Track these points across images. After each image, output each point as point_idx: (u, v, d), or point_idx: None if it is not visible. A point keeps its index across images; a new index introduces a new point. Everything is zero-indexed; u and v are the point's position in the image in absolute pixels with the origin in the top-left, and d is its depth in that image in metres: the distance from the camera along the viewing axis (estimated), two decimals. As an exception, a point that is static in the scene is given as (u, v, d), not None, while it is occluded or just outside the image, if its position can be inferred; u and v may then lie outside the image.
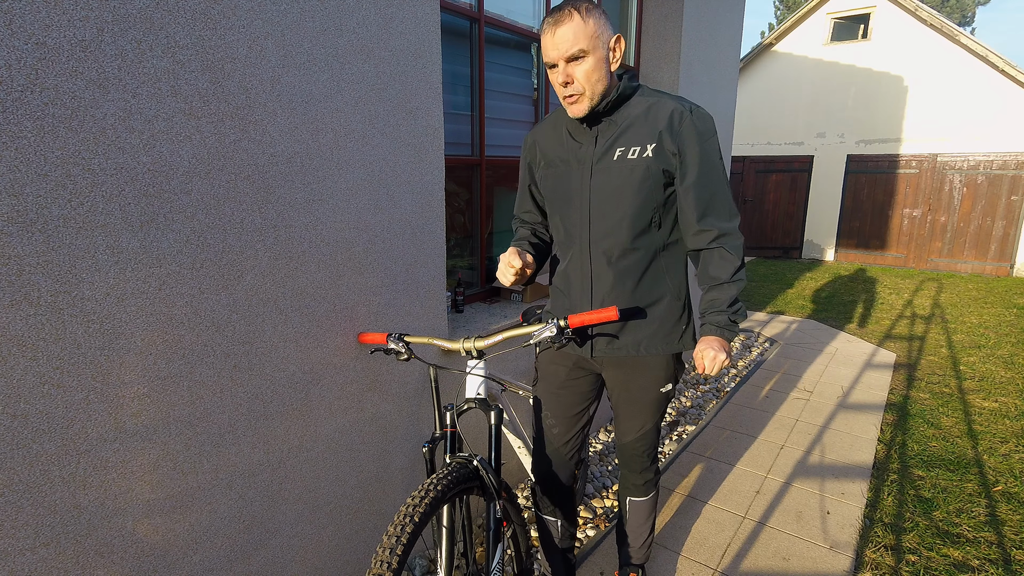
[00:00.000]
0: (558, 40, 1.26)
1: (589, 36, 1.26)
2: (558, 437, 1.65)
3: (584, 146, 1.43)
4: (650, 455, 1.69)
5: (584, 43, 1.26)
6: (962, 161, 8.75)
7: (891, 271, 9.03)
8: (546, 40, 1.29)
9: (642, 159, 1.36)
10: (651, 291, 1.47)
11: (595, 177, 1.41)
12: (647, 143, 1.36)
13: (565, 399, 1.62)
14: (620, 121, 1.39)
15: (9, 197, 1.00)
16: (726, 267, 1.40)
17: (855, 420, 3.34)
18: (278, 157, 1.43)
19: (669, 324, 1.50)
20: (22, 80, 1.00)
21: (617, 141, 1.39)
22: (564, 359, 1.60)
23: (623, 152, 1.38)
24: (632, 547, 1.85)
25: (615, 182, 1.39)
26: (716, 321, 1.40)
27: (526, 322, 2.03)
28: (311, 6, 1.45)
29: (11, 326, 1.03)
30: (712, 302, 1.42)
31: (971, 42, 8.37)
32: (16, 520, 1.08)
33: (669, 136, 1.35)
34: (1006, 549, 2.18)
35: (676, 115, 1.36)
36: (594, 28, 1.27)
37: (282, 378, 1.52)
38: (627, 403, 1.59)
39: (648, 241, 1.43)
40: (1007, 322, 5.69)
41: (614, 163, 1.39)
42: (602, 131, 1.41)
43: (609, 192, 1.40)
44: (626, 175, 1.38)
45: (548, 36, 1.28)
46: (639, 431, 1.62)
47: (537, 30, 2.89)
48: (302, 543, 1.65)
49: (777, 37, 10.19)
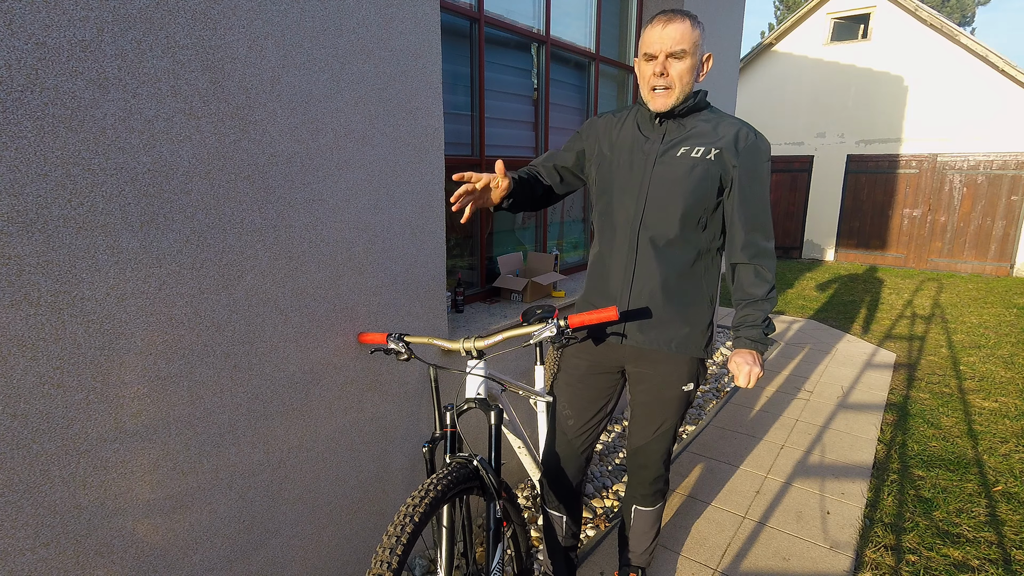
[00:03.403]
0: (668, 33, 1.38)
1: (693, 41, 1.39)
2: (572, 429, 1.67)
3: (651, 141, 1.51)
4: (664, 461, 1.69)
5: (687, 45, 1.38)
6: (962, 161, 8.75)
7: (891, 271, 9.03)
8: (653, 32, 1.40)
9: (704, 159, 1.45)
10: (689, 291, 1.54)
11: (657, 167, 1.49)
12: (711, 147, 1.46)
13: (583, 392, 1.65)
14: (688, 127, 1.49)
15: (9, 197, 1.00)
16: (762, 285, 1.49)
17: (855, 420, 3.34)
18: (278, 157, 1.43)
19: (700, 328, 1.56)
20: (22, 80, 1.00)
21: (684, 141, 1.48)
22: (588, 353, 1.62)
23: (687, 150, 1.47)
24: (634, 552, 1.85)
25: (675, 174, 1.46)
26: (751, 336, 1.48)
27: (526, 322, 2.03)
28: (311, 6, 1.45)
29: (11, 326, 1.03)
30: (746, 317, 1.49)
31: (971, 42, 8.37)
32: (16, 520, 1.08)
33: (734, 150, 1.45)
34: (1006, 549, 2.18)
35: (743, 135, 1.47)
36: (698, 37, 1.41)
37: (282, 378, 1.52)
38: (647, 399, 1.61)
39: (694, 237, 1.51)
40: (1007, 322, 5.69)
41: (677, 158, 1.47)
42: (670, 130, 1.50)
43: (668, 182, 1.47)
44: (687, 169, 1.46)
45: (657, 29, 1.39)
46: (656, 431, 1.63)
47: (537, 30, 2.90)
48: (302, 543, 1.65)
49: (777, 37, 10.19)
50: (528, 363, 2.60)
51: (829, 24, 9.73)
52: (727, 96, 4.34)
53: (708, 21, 3.82)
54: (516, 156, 2.91)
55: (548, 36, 2.97)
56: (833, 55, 9.66)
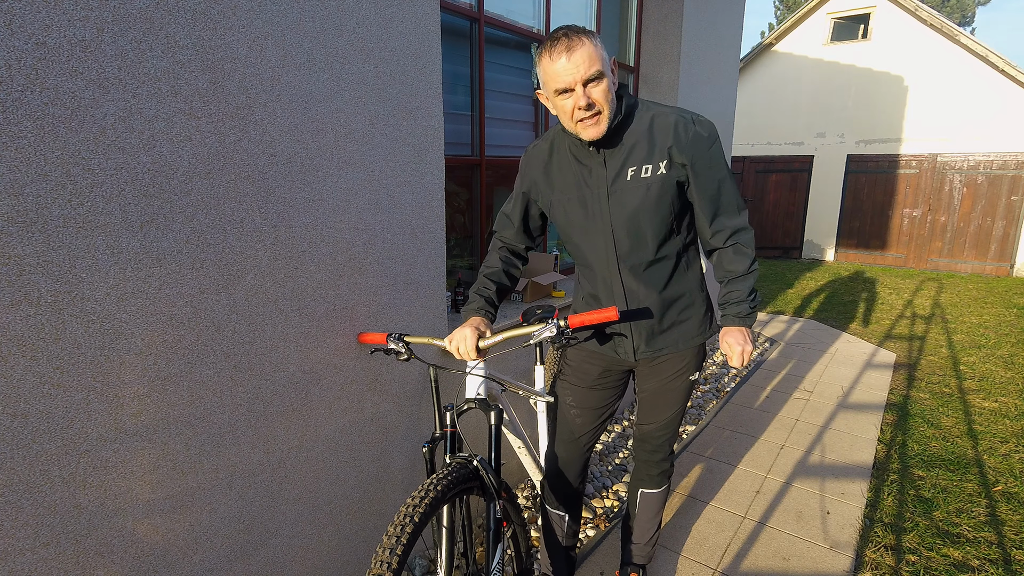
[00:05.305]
0: (576, 63, 1.25)
1: (601, 58, 1.28)
2: (580, 427, 1.68)
3: (593, 170, 1.43)
4: (671, 443, 1.74)
5: (599, 64, 1.28)
6: (962, 161, 8.75)
7: (891, 271, 9.03)
8: (559, 66, 1.26)
9: (657, 176, 1.40)
10: (679, 288, 1.54)
11: (613, 199, 1.43)
12: (659, 160, 1.39)
13: (592, 396, 1.66)
14: (626, 140, 1.41)
15: (9, 197, 1.00)
16: (742, 260, 1.48)
17: (855, 420, 3.34)
18: (278, 157, 1.43)
19: (699, 316, 1.58)
20: (22, 80, 1.00)
21: (627, 161, 1.41)
22: (598, 360, 1.63)
23: (635, 172, 1.40)
24: (637, 544, 1.86)
25: (634, 202, 1.41)
26: (737, 312, 1.48)
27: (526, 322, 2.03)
28: (311, 6, 1.45)
29: (11, 326, 1.03)
30: (731, 294, 1.49)
31: (971, 42, 8.37)
32: (16, 520, 1.08)
33: (678, 149, 1.39)
34: (1006, 549, 2.18)
35: (681, 127, 1.39)
36: (603, 51, 1.30)
37: (282, 378, 1.52)
38: (657, 393, 1.64)
39: (671, 247, 1.49)
40: (1007, 322, 5.69)
41: (628, 184, 1.41)
42: (609, 153, 1.41)
43: (630, 213, 1.42)
44: (643, 194, 1.40)
45: (561, 61, 1.26)
46: (665, 418, 1.67)
47: (537, 30, 2.89)
48: (302, 543, 1.65)
49: (777, 37, 10.19)
50: (528, 363, 2.60)
51: (829, 24, 9.73)
52: (727, 96, 4.34)
53: (708, 21, 3.82)
54: (516, 156, 2.91)
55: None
56: (833, 55, 9.66)
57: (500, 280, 1.59)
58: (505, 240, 1.67)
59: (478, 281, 1.59)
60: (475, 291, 1.56)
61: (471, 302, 1.54)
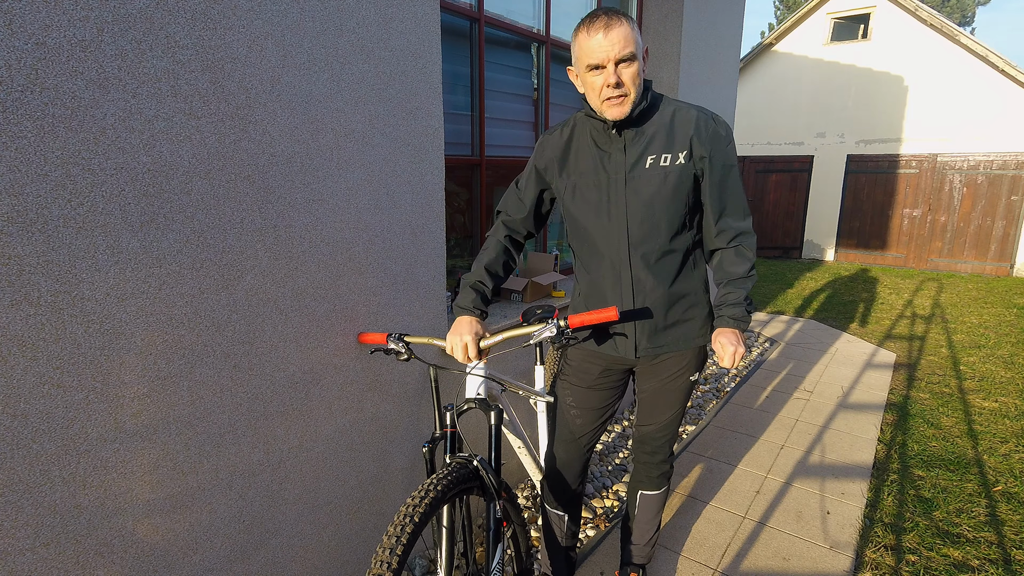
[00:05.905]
0: (612, 41, 1.29)
1: (635, 42, 1.32)
2: (580, 427, 1.68)
3: (613, 155, 1.45)
4: (670, 445, 1.74)
5: (633, 47, 1.31)
6: (962, 161, 8.75)
7: (891, 271, 9.03)
8: (594, 42, 1.30)
9: (675, 166, 1.42)
10: (685, 286, 1.54)
11: (630, 186, 1.44)
12: (679, 150, 1.42)
13: (592, 396, 1.66)
14: (647, 129, 1.43)
15: (9, 197, 1.00)
16: (743, 263, 1.49)
17: (855, 420, 3.34)
18: (278, 157, 1.43)
19: (702, 317, 1.58)
20: (22, 80, 1.00)
21: (647, 149, 1.43)
22: (598, 359, 1.63)
23: (655, 160, 1.42)
24: (636, 545, 1.86)
25: (651, 189, 1.43)
26: (733, 314, 1.48)
27: (526, 322, 2.03)
28: (311, 6, 1.45)
29: (11, 326, 1.03)
30: (728, 296, 1.50)
31: (971, 42, 8.37)
32: (16, 520, 1.08)
33: (699, 142, 1.42)
34: (1006, 549, 2.18)
35: (702, 122, 1.43)
36: (637, 36, 1.34)
37: (282, 378, 1.52)
38: (658, 393, 1.63)
39: (682, 241, 1.50)
40: (1007, 322, 5.69)
41: (647, 171, 1.43)
42: (630, 139, 1.43)
43: (647, 199, 1.43)
44: (661, 182, 1.42)
45: (598, 38, 1.29)
46: (665, 419, 1.67)
47: (537, 30, 2.90)
48: (302, 543, 1.65)
49: (777, 37, 10.19)
50: (528, 363, 2.60)
51: (829, 24, 9.73)
52: (727, 96, 4.34)
53: (708, 21, 3.82)
54: (516, 156, 2.91)
55: (548, 36, 2.97)
56: (833, 55, 9.66)
57: (497, 273, 1.59)
58: (511, 225, 1.64)
59: (475, 272, 1.57)
60: (470, 285, 1.54)
61: (464, 297, 1.52)
